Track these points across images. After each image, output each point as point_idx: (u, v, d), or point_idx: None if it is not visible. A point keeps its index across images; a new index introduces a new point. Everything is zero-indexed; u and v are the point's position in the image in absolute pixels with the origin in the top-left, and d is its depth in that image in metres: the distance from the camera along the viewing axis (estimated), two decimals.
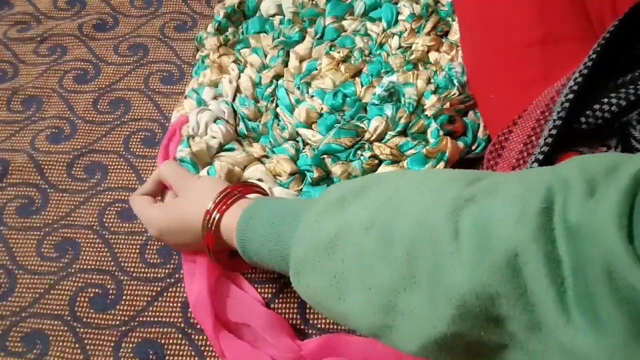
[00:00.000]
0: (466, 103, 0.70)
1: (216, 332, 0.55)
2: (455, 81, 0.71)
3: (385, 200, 0.40)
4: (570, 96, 0.49)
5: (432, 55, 0.75)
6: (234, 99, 0.72)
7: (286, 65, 0.76)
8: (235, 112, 0.71)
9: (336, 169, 0.65)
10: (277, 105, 0.72)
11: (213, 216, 0.51)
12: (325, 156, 0.67)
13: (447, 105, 0.69)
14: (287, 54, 0.76)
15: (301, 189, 0.64)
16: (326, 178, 0.65)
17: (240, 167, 0.66)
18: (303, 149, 0.68)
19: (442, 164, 0.65)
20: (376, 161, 0.66)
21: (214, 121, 0.69)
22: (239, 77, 0.74)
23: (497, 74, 0.61)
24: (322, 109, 0.70)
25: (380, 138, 0.67)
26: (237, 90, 0.73)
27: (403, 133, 0.68)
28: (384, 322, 0.37)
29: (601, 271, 0.28)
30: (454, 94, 0.70)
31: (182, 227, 0.54)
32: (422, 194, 0.38)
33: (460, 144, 0.67)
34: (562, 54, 0.57)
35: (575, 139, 0.51)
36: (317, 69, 0.74)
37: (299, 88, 0.72)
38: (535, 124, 0.52)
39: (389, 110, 0.68)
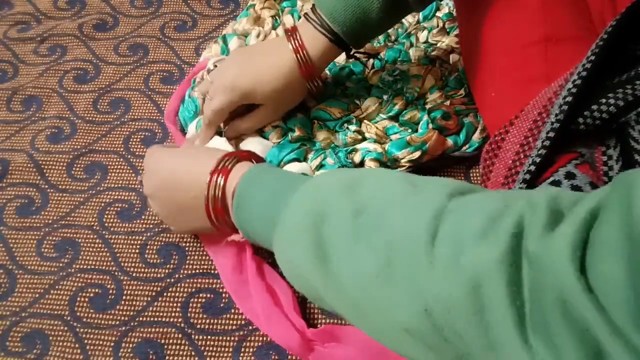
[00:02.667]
0: (468, 105, 0.70)
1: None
2: (465, 83, 0.71)
3: (380, 191, 0.41)
4: (569, 99, 0.49)
5: (453, 57, 0.75)
6: None
7: None
8: None
9: (320, 135, 0.68)
10: None
11: (219, 176, 0.52)
12: (315, 121, 0.70)
13: (448, 102, 0.70)
14: None
15: (279, 142, 0.67)
16: (307, 140, 0.68)
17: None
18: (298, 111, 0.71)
19: (419, 153, 0.66)
20: (360, 137, 0.68)
21: None
22: (270, 33, 0.78)
23: (499, 72, 0.61)
24: (326, 79, 0.73)
25: (370, 118, 0.70)
26: None
27: (394, 118, 0.70)
28: (356, 302, 0.39)
29: (555, 300, 0.29)
30: (460, 94, 0.71)
31: (178, 175, 0.56)
32: (415, 194, 0.39)
33: (449, 141, 0.68)
34: (564, 53, 0.57)
35: (574, 139, 0.51)
36: None
37: None
38: (532, 125, 0.52)
39: (386, 95, 0.70)
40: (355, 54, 0.70)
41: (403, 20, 0.80)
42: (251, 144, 0.67)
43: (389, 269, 0.37)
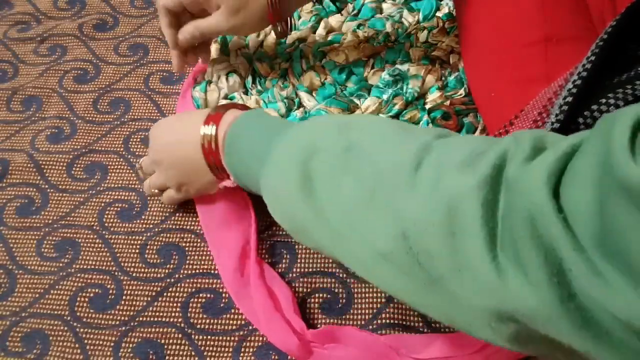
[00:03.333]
0: (468, 105, 0.70)
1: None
2: (465, 83, 0.71)
3: (370, 132, 0.43)
4: (569, 99, 0.50)
5: (453, 57, 0.75)
6: (255, 52, 0.77)
7: (315, 32, 0.79)
8: (251, 64, 0.76)
9: None
10: (290, 66, 0.75)
11: (211, 124, 0.54)
12: None
13: (448, 102, 0.70)
14: (319, 22, 0.80)
15: None
16: None
17: None
18: (297, 109, 0.71)
19: None
20: None
21: (228, 73, 0.74)
22: (270, 32, 0.79)
23: (498, 72, 0.61)
24: (326, 79, 0.73)
25: None
26: (260, 45, 0.78)
27: (395, 119, 0.70)
28: (338, 231, 0.41)
29: (525, 218, 0.30)
30: (460, 94, 0.71)
31: (176, 131, 0.59)
32: (405, 133, 0.42)
33: None
34: (564, 53, 0.57)
35: None
36: (340, 43, 0.77)
37: (314, 55, 0.76)
38: (532, 125, 0.52)
39: (386, 95, 0.70)
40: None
41: (403, 20, 0.80)
42: None
43: (371, 195, 0.38)
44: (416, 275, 0.37)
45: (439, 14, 0.80)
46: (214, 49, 0.78)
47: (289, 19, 0.68)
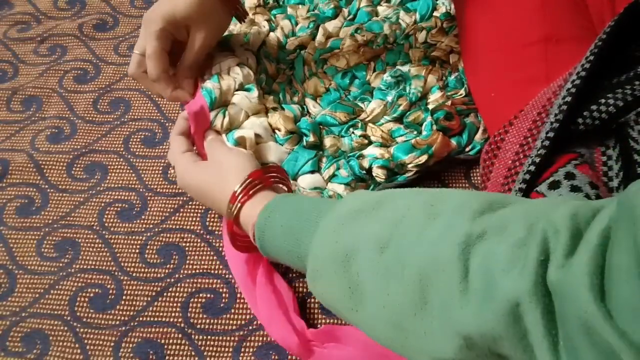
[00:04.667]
0: (469, 105, 0.70)
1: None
2: (465, 83, 0.71)
3: (400, 219, 0.41)
4: (569, 99, 0.50)
5: (452, 57, 0.75)
6: (258, 50, 0.75)
7: (313, 38, 0.79)
8: (257, 62, 0.72)
9: (327, 141, 0.67)
10: (292, 74, 0.75)
11: (235, 204, 0.53)
12: (321, 127, 0.69)
13: (449, 102, 0.70)
14: (317, 28, 0.79)
15: (293, 149, 0.66)
16: (319, 146, 0.67)
17: (249, 113, 0.66)
18: (306, 115, 0.71)
19: (425, 157, 0.65)
20: (366, 141, 0.68)
21: (238, 64, 0.70)
22: (268, 35, 0.78)
23: (498, 72, 0.61)
24: (330, 84, 0.74)
25: (375, 121, 0.70)
26: (263, 44, 0.77)
27: (399, 120, 0.70)
28: (395, 337, 0.40)
29: (579, 327, 0.31)
30: (460, 94, 0.71)
31: (206, 193, 0.57)
32: (435, 218, 0.39)
33: (453, 143, 0.67)
34: (564, 53, 0.57)
35: (573, 140, 0.51)
36: (339, 48, 0.77)
37: (315, 62, 0.76)
38: (531, 125, 0.52)
39: (390, 96, 0.70)
40: None
41: (400, 21, 0.79)
42: (266, 149, 0.65)
43: (422, 304, 0.37)
44: None
45: (436, 13, 0.80)
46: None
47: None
